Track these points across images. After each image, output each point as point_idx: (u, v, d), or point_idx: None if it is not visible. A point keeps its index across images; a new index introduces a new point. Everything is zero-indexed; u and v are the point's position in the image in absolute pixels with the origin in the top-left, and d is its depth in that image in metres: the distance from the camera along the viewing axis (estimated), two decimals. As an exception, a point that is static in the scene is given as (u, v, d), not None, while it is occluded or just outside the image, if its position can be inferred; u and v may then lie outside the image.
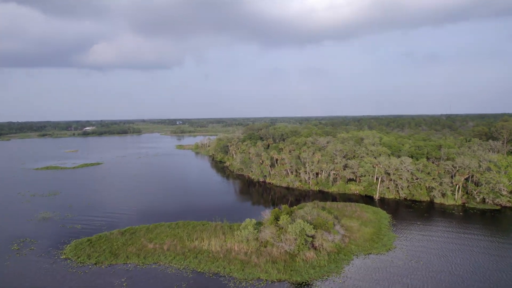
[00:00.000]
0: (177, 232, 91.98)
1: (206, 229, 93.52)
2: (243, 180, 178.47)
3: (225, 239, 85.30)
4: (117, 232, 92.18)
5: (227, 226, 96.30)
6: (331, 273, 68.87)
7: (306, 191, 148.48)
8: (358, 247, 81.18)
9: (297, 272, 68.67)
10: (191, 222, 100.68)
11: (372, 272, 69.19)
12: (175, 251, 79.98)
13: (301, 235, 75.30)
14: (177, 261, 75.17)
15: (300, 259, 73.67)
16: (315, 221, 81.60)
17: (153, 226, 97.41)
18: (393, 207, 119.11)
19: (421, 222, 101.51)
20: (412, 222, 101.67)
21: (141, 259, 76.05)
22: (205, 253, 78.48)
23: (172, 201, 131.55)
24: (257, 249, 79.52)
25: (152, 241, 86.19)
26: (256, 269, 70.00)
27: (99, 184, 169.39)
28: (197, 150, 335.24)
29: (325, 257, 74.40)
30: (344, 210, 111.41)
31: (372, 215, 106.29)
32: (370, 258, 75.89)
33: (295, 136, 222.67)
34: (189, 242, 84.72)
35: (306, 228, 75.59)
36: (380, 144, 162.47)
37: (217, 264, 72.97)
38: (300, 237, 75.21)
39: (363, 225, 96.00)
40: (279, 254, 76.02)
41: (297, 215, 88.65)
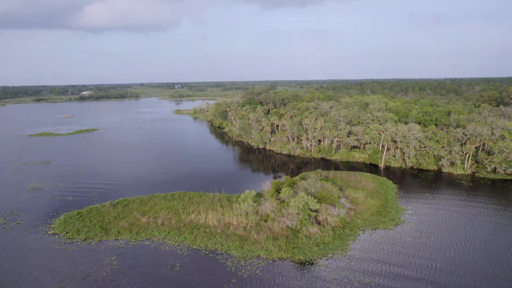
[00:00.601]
0: (172, 205, 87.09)
1: (203, 201, 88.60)
2: (243, 146, 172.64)
3: (223, 212, 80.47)
4: (109, 204, 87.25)
5: (225, 197, 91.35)
6: (336, 250, 64.34)
7: (308, 158, 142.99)
8: (365, 221, 76.41)
9: (300, 249, 64.12)
10: (187, 193, 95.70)
11: (380, 250, 64.67)
12: (170, 225, 75.26)
13: (304, 209, 70.13)
14: (171, 236, 70.58)
15: (303, 235, 69.01)
16: (319, 194, 76.21)
17: (147, 198, 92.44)
18: (399, 177, 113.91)
19: (429, 193, 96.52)
20: (420, 193, 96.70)
21: (133, 235, 71.43)
22: (202, 228, 73.80)
23: (168, 169, 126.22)
24: (257, 224, 74.80)
25: (145, 214, 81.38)
26: (256, 246, 65.42)
27: (93, 151, 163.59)
28: (195, 115, 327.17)
29: (329, 233, 69.71)
30: (348, 180, 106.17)
31: (378, 185, 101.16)
32: (377, 234, 71.28)
33: (297, 101, 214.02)
34: (184, 216, 79.95)
35: (309, 202, 70.25)
36: (386, 109, 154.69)
37: (214, 240, 68.35)
38: (303, 212, 70.08)
39: (369, 197, 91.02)
40: (281, 230, 71.32)
41: (299, 187, 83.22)
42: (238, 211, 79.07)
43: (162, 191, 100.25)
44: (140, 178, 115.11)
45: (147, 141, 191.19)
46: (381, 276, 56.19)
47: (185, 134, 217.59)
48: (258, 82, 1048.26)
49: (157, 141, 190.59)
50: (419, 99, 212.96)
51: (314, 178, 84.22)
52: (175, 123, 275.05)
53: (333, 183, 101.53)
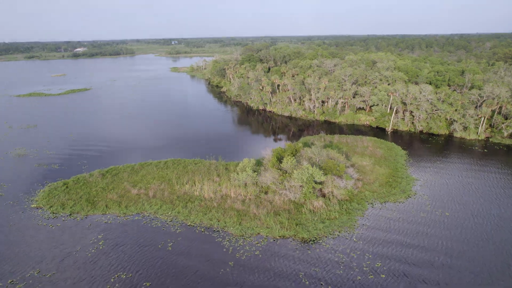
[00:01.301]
0: (165, 174, 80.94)
1: (199, 170, 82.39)
2: (242, 108, 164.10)
3: (219, 183, 74.49)
4: (97, 173, 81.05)
5: (222, 165, 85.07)
6: (343, 227, 58.95)
7: (311, 121, 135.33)
8: (373, 193, 70.58)
9: (304, 226, 58.69)
10: (182, 161, 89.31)
11: (391, 227, 59.28)
12: (162, 198, 69.51)
13: (309, 182, 63.88)
14: (163, 211, 65.02)
15: (307, 210, 63.40)
16: (325, 165, 69.63)
17: (138, 166, 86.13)
18: (408, 142, 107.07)
19: (441, 161, 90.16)
20: (431, 160, 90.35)
21: (122, 209, 65.81)
22: (197, 200, 68.07)
23: (163, 133, 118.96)
24: (256, 196, 69.02)
25: (136, 185, 75.43)
26: (256, 222, 59.95)
27: (85, 113, 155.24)
28: (192, 73, 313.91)
29: (335, 207, 64.06)
30: (355, 145, 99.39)
31: (386, 151, 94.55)
32: (387, 208, 65.70)
33: (299, 58, 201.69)
34: (178, 187, 74.03)
35: (314, 174, 63.81)
36: (395, 68, 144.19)
37: (210, 215, 62.80)
38: (307, 185, 63.89)
39: (377, 165, 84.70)
40: (282, 203, 65.62)
41: (303, 155, 76.52)
42: (236, 182, 73.05)
43: (155, 157, 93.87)
44: (132, 143, 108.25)
45: (141, 102, 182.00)
46: (393, 259, 51.06)
47: (181, 94, 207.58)
48: (258, 38, 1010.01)
49: (152, 102, 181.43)
50: (428, 57, 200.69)
51: (319, 146, 77.23)
52: (171, 81, 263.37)
53: (339, 149, 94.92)
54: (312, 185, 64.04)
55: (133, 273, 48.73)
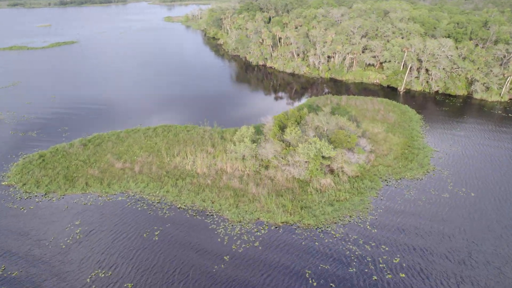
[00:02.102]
0: (154, 143, 72.43)
1: (191, 139, 73.76)
2: (240, 63, 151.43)
3: (214, 155, 66.32)
4: (78, 143, 72.49)
5: (217, 133, 76.33)
6: (355, 211, 51.71)
7: (315, 78, 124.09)
8: (388, 168, 62.62)
9: (310, 210, 51.41)
10: (173, 127, 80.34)
11: (409, 211, 52.01)
12: (150, 173, 61.67)
13: (316, 158, 55.56)
14: (151, 189, 57.45)
15: (313, 189, 55.83)
16: (334, 136, 60.86)
17: (125, 133, 77.30)
18: (422, 103, 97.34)
19: (461, 127, 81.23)
20: (449, 126, 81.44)
21: (105, 187, 58.18)
22: (188, 177, 60.28)
23: (153, 93, 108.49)
24: (256, 172, 61.17)
25: (121, 157, 67.24)
26: (255, 205, 52.58)
27: (69, 70, 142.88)
28: (187, 23, 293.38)
29: (345, 186, 56.41)
30: (364, 108, 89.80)
31: (399, 116, 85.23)
32: (404, 186, 58.09)
33: (302, 7, 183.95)
34: (168, 159, 65.93)
35: (323, 149, 55.26)
36: (409, 19, 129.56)
37: (203, 195, 55.30)
38: (315, 161, 55.63)
39: (390, 132, 75.93)
40: (285, 181, 57.91)
41: (308, 123, 67.47)
42: (233, 154, 64.84)
43: (144, 122, 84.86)
44: (120, 105, 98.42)
45: (131, 56, 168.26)
46: (414, 253, 44.26)
47: (175, 47, 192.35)
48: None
49: (143, 56, 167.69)
50: (443, 5, 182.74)
51: (326, 111, 67.87)
52: (165, 33, 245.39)
53: (347, 113, 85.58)
54: (320, 161, 55.82)
55: (113, 271, 42.15)
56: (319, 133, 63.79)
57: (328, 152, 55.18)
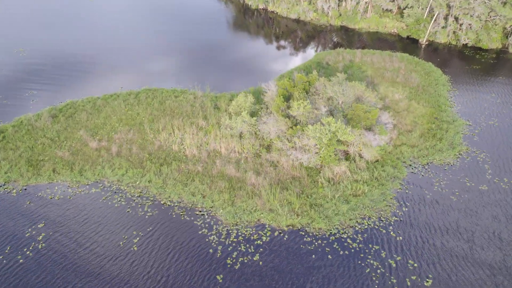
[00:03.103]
0: (136, 114, 61.53)
1: (179, 107, 62.71)
2: (237, 5, 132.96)
3: (206, 130, 55.96)
4: (47, 114, 61.38)
5: (210, 100, 65.07)
6: (375, 209, 42.87)
7: (324, 26, 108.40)
8: (412, 149, 52.57)
9: (321, 209, 42.53)
10: (158, 92, 68.61)
11: (442, 210, 43.13)
12: (130, 156, 51.80)
13: (330, 144, 45.26)
14: (130, 178, 48.05)
15: (325, 179, 46.47)
16: (352, 112, 49.81)
17: (102, 101, 65.86)
18: (447, 60, 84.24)
19: (497, 92, 69.51)
20: (482, 90, 69.77)
21: (76, 175, 48.67)
22: (175, 161, 50.53)
23: (135, 43, 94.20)
24: (256, 155, 51.35)
25: (97, 133, 56.83)
26: (254, 202, 43.56)
27: (42, 13, 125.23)
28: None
29: (363, 175, 46.91)
30: (382, 67, 77.01)
31: (423, 77, 72.93)
32: (432, 173, 48.61)
33: None
34: (152, 135, 55.69)
35: (340, 133, 44.68)
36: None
37: (193, 187, 46.04)
38: (328, 147, 45.39)
39: (413, 99, 64.60)
40: (291, 168, 48.31)
41: (319, 92, 55.93)
42: (228, 130, 54.48)
43: (125, 84, 72.96)
44: (98, 60, 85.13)
45: None
46: (450, 273, 36.15)
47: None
48: None
49: None
50: None
51: (342, 79, 55.97)
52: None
53: (362, 72, 73.31)
54: (334, 147, 45.60)
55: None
56: (332, 106, 52.70)
57: (345, 136, 44.75)
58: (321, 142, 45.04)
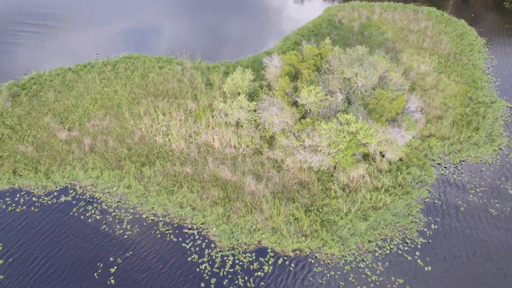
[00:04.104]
0: (113, 92, 51.71)
1: (165, 83, 52.73)
2: None
3: (197, 116, 46.92)
4: (6, 91, 51.48)
5: (201, 72, 54.82)
6: (398, 228, 35.74)
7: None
8: (443, 141, 43.91)
9: (334, 228, 35.35)
10: (140, 60, 57.86)
11: (478, 227, 36.00)
12: (106, 152, 43.42)
13: (350, 147, 36.50)
14: (106, 183, 40.27)
15: (339, 186, 38.73)
16: (374, 102, 40.20)
17: (73, 74, 55.41)
18: (483, 15, 71.38)
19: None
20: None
21: (41, 178, 40.75)
22: (159, 159, 42.32)
23: None
24: (256, 151, 42.98)
25: (66, 119, 47.74)
26: (254, 217, 36.24)
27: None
28: None
29: (385, 181, 39.06)
30: (406, 27, 64.80)
31: (455, 41, 61.45)
32: (466, 176, 40.70)
33: None
34: (132, 124, 46.73)
35: (362, 134, 35.72)
36: None
37: (180, 196, 38.36)
38: (347, 150, 36.71)
39: (443, 72, 54.29)
40: (298, 171, 40.29)
41: (334, 70, 45.70)
42: (222, 117, 45.47)
43: (101, 50, 62.04)
44: (70, 15, 72.36)
45: None
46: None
47: None
48: None
49: None
50: None
51: (362, 53, 45.28)
52: None
53: (382, 35, 61.84)
54: (354, 150, 36.97)
55: None
56: (350, 90, 42.98)
57: (368, 139, 35.96)
58: (337, 146, 36.39)
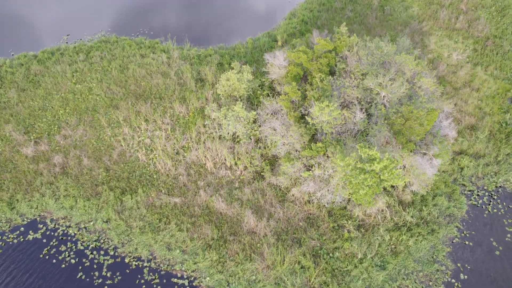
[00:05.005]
0: (87, 90, 43.70)
1: (147, 77, 44.52)
2: None
3: (186, 126, 39.75)
4: (-38, 90, 43.68)
5: (190, 63, 46.23)
6: (422, 279, 30.49)
7: None
8: (476, 161, 37.16)
9: (345, 280, 30.05)
10: (118, 45, 48.89)
11: None
12: (80, 174, 36.90)
13: (372, 187, 29.81)
14: (81, 215, 34.37)
15: (353, 225, 32.87)
16: (400, 121, 32.56)
17: (39, 65, 46.73)
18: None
19: None
20: None
21: (4, 209, 34.58)
22: (142, 184, 36.03)
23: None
24: (256, 175, 36.46)
25: (32, 128, 40.53)
26: (254, 265, 30.88)
27: None
28: None
29: (406, 217, 33.12)
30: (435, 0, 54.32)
31: (495, 20, 51.29)
32: (503, 206, 34.53)
33: None
34: (110, 134, 39.61)
35: (387, 175, 28.79)
36: None
37: (168, 234, 32.62)
38: (369, 188, 30.03)
39: (478, 64, 45.60)
40: (306, 205, 34.18)
41: (351, 70, 37.36)
42: (215, 130, 38.31)
43: (73, 28, 52.52)
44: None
45: None
46: None
47: None
48: None
49: None
50: None
51: (388, 52, 36.56)
52: None
53: (406, 10, 51.91)
54: (375, 190, 30.38)
55: None
56: (371, 101, 35.26)
57: (394, 180, 29.23)
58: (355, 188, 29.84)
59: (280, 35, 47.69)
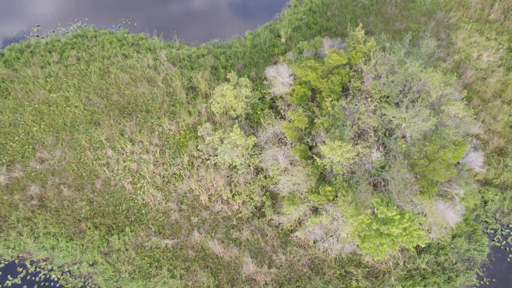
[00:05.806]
0: (63, 100, 38.30)
1: (132, 85, 38.92)
2: None
3: (179, 141, 35.25)
4: None
5: (180, 67, 40.21)
6: (435, 336, 28.40)
7: None
8: (503, 193, 33.13)
9: (354, 338, 28.07)
10: (97, 41, 42.39)
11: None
12: (61, 207, 33.10)
13: (393, 243, 26.14)
14: (64, 258, 31.17)
15: (362, 275, 29.83)
16: (424, 162, 27.99)
17: (6, 68, 40.66)
18: None
19: None
20: None
21: (-21, 251, 31.76)
22: (129, 220, 32.43)
23: None
24: (257, 211, 32.69)
25: (3, 148, 35.90)
26: (254, 321, 28.65)
27: None
28: None
29: (422, 264, 29.99)
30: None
31: (531, 6, 44.09)
32: (527, 251, 31.49)
33: None
34: (93, 157, 35.19)
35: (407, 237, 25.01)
36: None
37: (160, 282, 29.67)
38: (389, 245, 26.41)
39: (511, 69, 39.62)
40: (310, 249, 30.85)
41: (366, 91, 31.88)
42: (210, 157, 33.87)
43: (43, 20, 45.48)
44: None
45: None
46: None
47: None
48: None
49: None
50: None
51: (412, 70, 30.80)
52: None
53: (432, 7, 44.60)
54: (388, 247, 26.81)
55: None
56: (390, 133, 30.41)
57: (414, 243, 25.51)
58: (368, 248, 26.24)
59: (283, 30, 41.00)
